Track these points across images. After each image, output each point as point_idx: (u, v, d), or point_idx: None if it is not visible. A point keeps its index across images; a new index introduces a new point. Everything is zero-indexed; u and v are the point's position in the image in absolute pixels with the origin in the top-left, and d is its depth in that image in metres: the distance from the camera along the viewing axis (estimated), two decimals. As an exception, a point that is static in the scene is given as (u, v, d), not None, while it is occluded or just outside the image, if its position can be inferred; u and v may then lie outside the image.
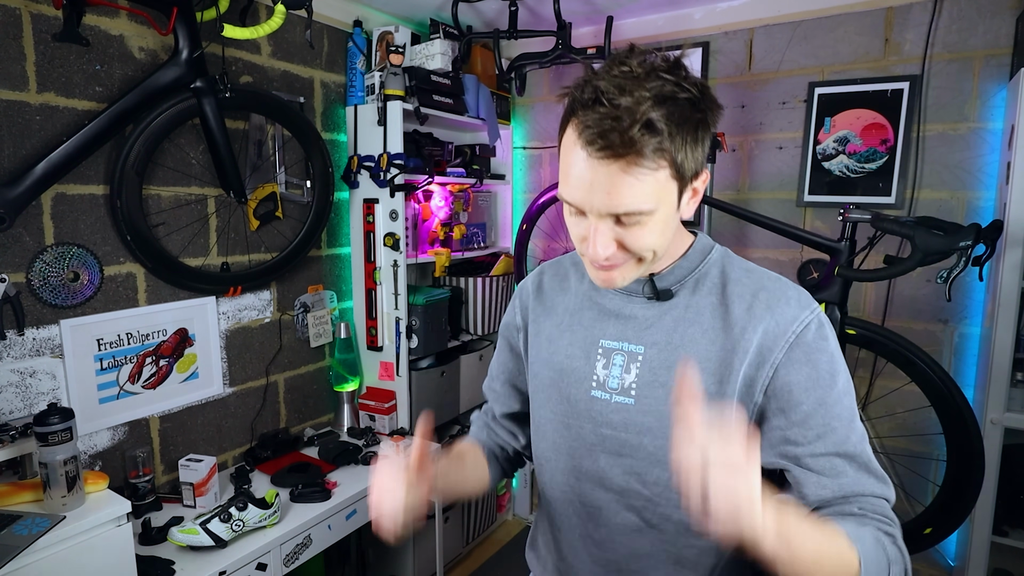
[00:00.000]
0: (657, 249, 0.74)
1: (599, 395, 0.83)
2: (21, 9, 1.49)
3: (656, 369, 0.79)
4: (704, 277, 0.81)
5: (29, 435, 1.38)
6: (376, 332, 2.33)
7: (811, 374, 0.74)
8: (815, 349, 0.74)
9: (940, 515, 1.69)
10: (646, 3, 2.30)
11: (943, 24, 1.97)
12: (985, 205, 1.97)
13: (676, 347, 0.79)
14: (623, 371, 0.81)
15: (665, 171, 0.68)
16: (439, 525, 2.26)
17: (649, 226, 0.71)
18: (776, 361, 0.74)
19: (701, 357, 0.77)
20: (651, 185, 0.68)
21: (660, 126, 0.65)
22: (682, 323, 0.79)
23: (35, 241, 1.55)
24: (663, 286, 0.81)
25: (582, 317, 0.87)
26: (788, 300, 0.76)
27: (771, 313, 0.76)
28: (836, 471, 0.73)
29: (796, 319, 0.75)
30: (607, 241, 0.72)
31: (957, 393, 1.61)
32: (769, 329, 0.75)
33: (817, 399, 0.73)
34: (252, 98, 1.92)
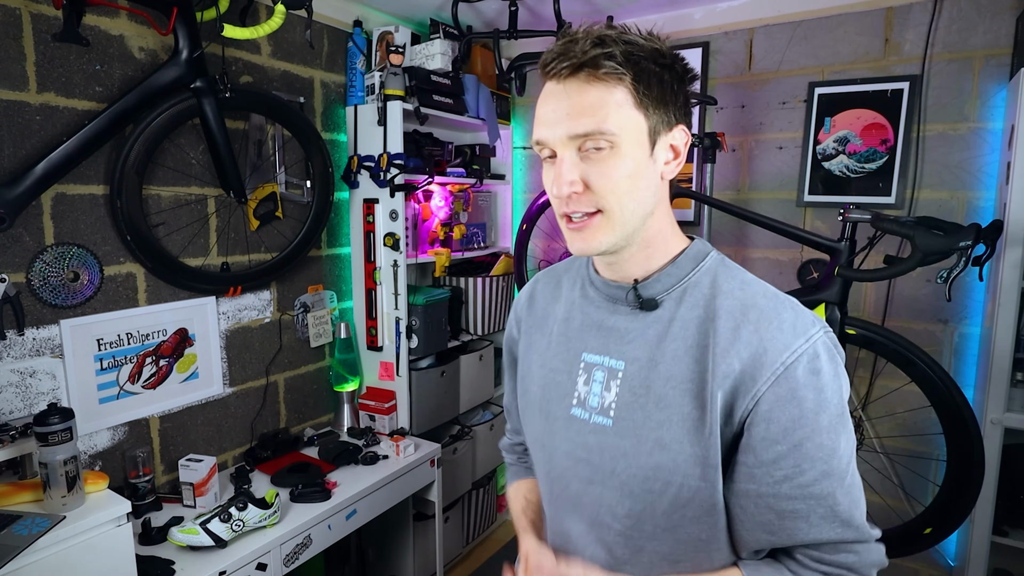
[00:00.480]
0: (624, 199, 0.68)
1: (578, 414, 0.76)
2: (21, 9, 1.49)
3: (636, 388, 0.72)
4: (694, 287, 0.73)
5: (29, 435, 1.38)
6: (376, 332, 2.33)
7: (794, 414, 0.65)
8: (804, 385, 0.65)
9: (940, 515, 1.69)
10: (646, 3, 2.30)
11: (943, 24, 1.97)
12: (985, 205, 1.97)
13: (657, 364, 0.71)
14: (603, 388, 0.74)
15: (625, 94, 0.67)
16: (439, 525, 2.26)
17: (612, 162, 0.67)
18: (759, 394, 0.66)
19: (683, 377, 0.69)
20: (611, 106, 0.66)
21: (614, 50, 0.66)
22: (666, 338, 0.71)
23: (35, 241, 1.55)
24: (648, 295, 0.74)
25: (568, 327, 0.81)
26: (781, 324, 0.67)
27: (759, 337, 0.66)
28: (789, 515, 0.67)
29: (787, 348, 0.65)
30: (571, 169, 0.68)
31: (957, 393, 1.61)
32: (756, 356, 0.66)
33: (795, 441, 0.65)
34: (252, 98, 1.92)
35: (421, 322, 2.30)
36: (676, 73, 0.69)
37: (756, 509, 0.68)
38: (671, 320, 0.72)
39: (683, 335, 0.71)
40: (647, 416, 0.70)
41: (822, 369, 0.66)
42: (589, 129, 0.66)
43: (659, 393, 0.70)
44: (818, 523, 0.66)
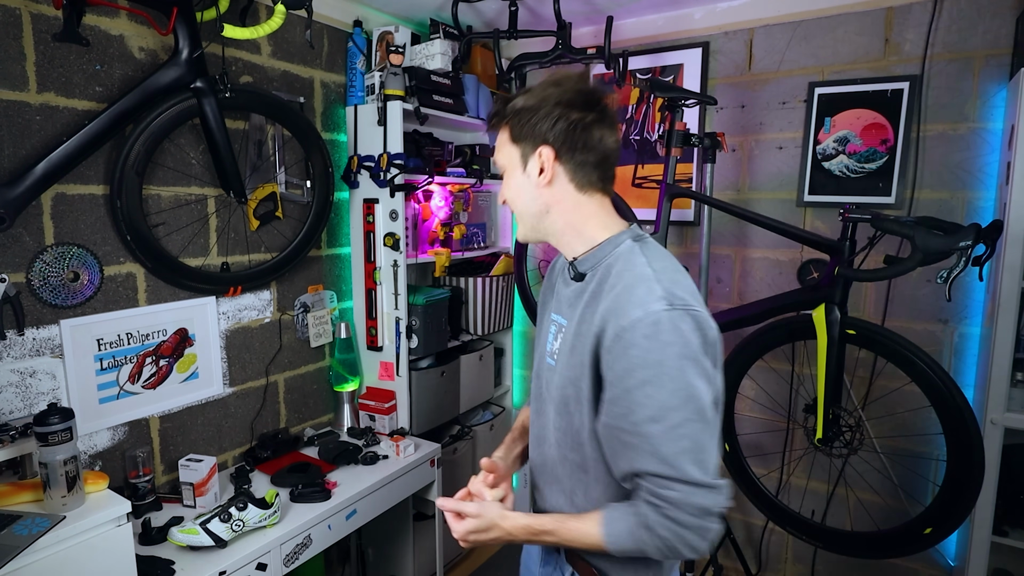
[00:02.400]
0: (514, 203, 1.01)
1: (547, 359, 1.04)
2: (21, 9, 1.49)
3: (568, 339, 0.97)
4: (608, 268, 0.95)
5: (29, 435, 1.37)
6: (376, 332, 2.33)
7: (626, 366, 0.85)
8: (634, 345, 0.84)
9: (940, 515, 1.69)
10: (646, 3, 2.30)
11: (943, 24, 1.97)
12: (985, 205, 1.97)
13: (579, 323, 0.95)
14: (555, 339, 1.02)
15: (505, 135, 0.99)
16: (439, 525, 2.26)
17: (506, 180, 1.02)
18: (608, 348, 0.87)
19: (585, 333, 0.92)
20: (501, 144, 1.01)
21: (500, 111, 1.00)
22: (582, 303, 0.96)
23: (35, 241, 1.55)
24: (579, 271, 0.99)
25: (548, 298, 1.11)
26: (631, 297, 0.87)
27: (615, 306, 0.88)
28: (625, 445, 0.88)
29: (628, 316, 0.85)
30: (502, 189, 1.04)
31: (957, 393, 1.61)
32: (609, 319, 0.88)
33: (626, 387, 0.85)
34: (252, 98, 1.92)
35: (421, 322, 2.30)
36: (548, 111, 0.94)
37: (607, 437, 0.91)
38: (587, 290, 0.97)
39: (590, 301, 0.94)
40: (568, 360, 0.96)
41: (656, 335, 0.83)
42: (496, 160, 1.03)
43: (572, 343, 0.95)
44: (644, 456, 0.85)
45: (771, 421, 2.36)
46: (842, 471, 2.22)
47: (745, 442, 2.16)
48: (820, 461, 2.25)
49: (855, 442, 1.86)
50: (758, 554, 2.46)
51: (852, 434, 1.86)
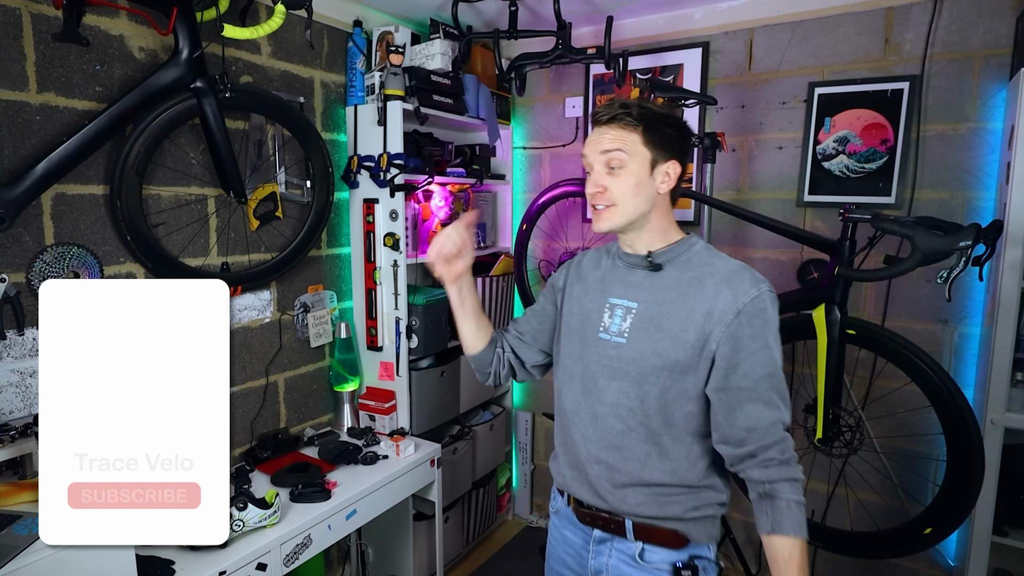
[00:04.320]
0: (626, 200, 1.09)
1: (604, 336, 1.14)
2: (21, 9, 1.49)
3: (643, 320, 1.11)
4: (687, 260, 1.12)
5: (29, 435, 1.38)
6: (376, 332, 2.33)
7: (748, 333, 1.03)
8: (753, 316, 1.04)
9: (940, 515, 1.69)
10: (646, 3, 2.30)
11: (943, 24, 1.97)
12: (985, 205, 1.97)
13: (659, 304, 1.10)
14: (621, 320, 1.13)
15: (636, 136, 1.08)
16: (439, 525, 2.26)
17: (623, 176, 1.09)
18: (729, 322, 1.04)
19: (674, 313, 1.08)
20: (626, 140, 1.08)
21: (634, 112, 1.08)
22: (665, 289, 1.11)
23: (35, 241, 1.55)
24: (658, 261, 1.13)
25: (602, 284, 1.20)
26: (743, 282, 1.06)
27: (731, 289, 1.05)
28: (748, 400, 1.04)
29: (746, 294, 1.04)
30: (598, 180, 1.11)
31: (957, 393, 1.61)
32: (729, 299, 1.05)
33: (748, 352, 1.03)
34: (252, 98, 1.92)
35: (421, 322, 2.30)
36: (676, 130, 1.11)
37: (722, 399, 1.05)
38: (671, 279, 1.11)
39: (677, 288, 1.10)
40: (648, 336, 1.09)
41: (767, 308, 1.05)
42: (612, 147, 1.09)
43: (658, 323, 1.09)
44: (759, 407, 1.03)
45: (771, 421, 2.35)
46: (842, 471, 2.22)
47: (745, 442, 2.16)
48: (820, 461, 2.25)
49: (855, 442, 1.86)
50: (758, 554, 2.46)
51: (852, 434, 1.86)
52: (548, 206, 2.48)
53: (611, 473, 1.13)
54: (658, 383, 1.08)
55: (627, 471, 1.11)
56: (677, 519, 1.10)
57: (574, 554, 1.22)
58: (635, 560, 1.13)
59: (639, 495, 1.11)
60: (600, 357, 1.14)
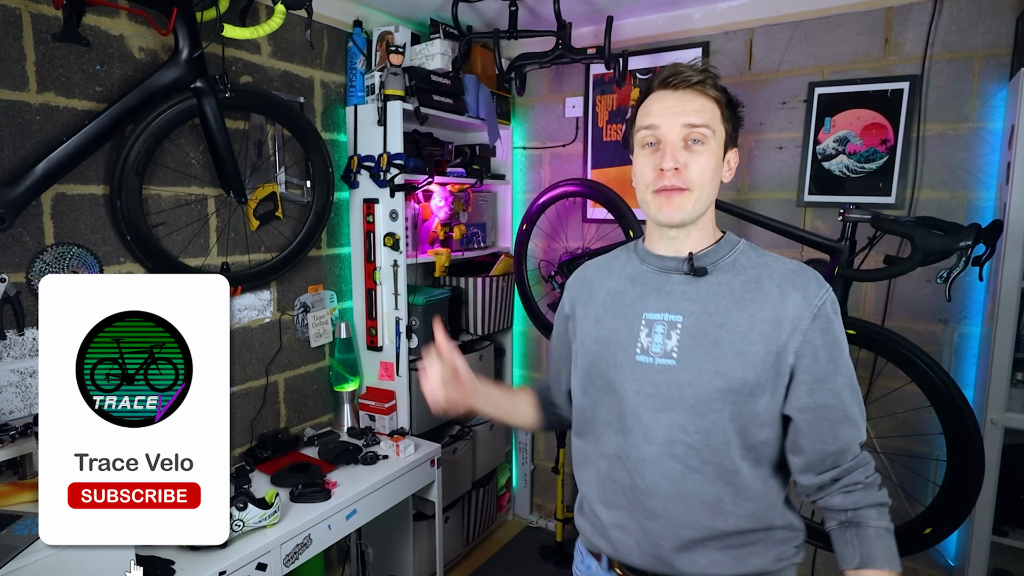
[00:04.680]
0: (704, 185, 0.92)
1: (643, 360, 0.94)
2: (21, 9, 1.49)
3: (695, 335, 0.92)
4: (734, 262, 0.95)
5: (29, 435, 1.38)
6: (376, 332, 2.33)
7: (830, 340, 0.90)
8: (830, 318, 0.91)
9: (940, 515, 1.68)
10: (646, 3, 2.30)
11: (943, 24, 1.97)
12: (985, 205, 1.96)
13: (711, 315, 0.92)
14: (665, 338, 0.93)
15: (719, 110, 0.93)
16: (439, 525, 2.26)
17: (705, 155, 0.91)
18: (805, 329, 0.89)
19: (733, 323, 0.91)
20: (712, 111, 0.92)
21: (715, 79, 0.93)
22: (717, 296, 0.93)
23: (35, 241, 1.55)
24: (701, 264, 0.95)
25: (624, 296, 1.00)
26: (810, 281, 0.92)
27: (800, 291, 0.91)
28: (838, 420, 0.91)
29: (818, 295, 0.91)
30: (677, 155, 0.90)
31: (957, 393, 1.61)
32: (799, 304, 0.90)
33: (834, 361, 0.90)
34: (252, 98, 1.92)
35: (421, 322, 2.30)
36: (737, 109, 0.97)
37: (816, 418, 0.90)
38: (720, 283, 0.94)
39: (731, 294, 0.92)
40: (706, 354, 0.90)
41: (838, 309, 0.93)
42: (699, 121, 0.91)
43: (714, 336, 0.91)
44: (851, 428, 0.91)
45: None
46: (842, 471, 2.21)
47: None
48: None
49: (855, 442, 1.86)
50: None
51: (852, 434, 1.85)
52: (548, 206, 2.48)
53: (676, 529, 0.92)
54: (725, 409, 0.89)
55: (695, 523, 0.91)
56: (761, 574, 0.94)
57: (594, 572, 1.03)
58: None
59: (712, 552, 0.92)
60: (641, 385, 0.93)
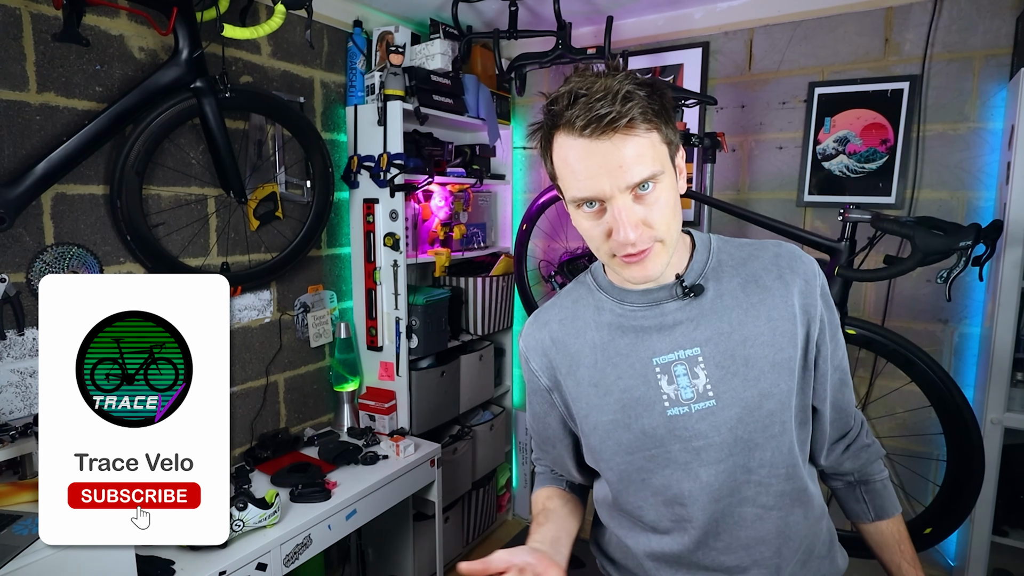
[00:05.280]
0: (672, 227, 0.78)
1: (678, 412, 0.81)
2: (21, 9, 1.49)
3: (721, 363, 0.81)
4: (721, 264, 0.86)
5: (29, 435, 1.38)
6: (376, 332, 2.33)
7: (828, 306, 0.86)
8: (824, 283, 0.86)
9: (940, 515, 1.68)
10: (646, 3, 2.30)
11: (943, 24, 1.97)
12: (985, 205, 1.96)
13: (729, 335, 0.81)
14: (690, 378, 0.81)
15: (656, 134, 0.75)
16: (439, 525, 2.26)
17: (664, 197, 0.76)
18: (819, 309, 0.84)
19: (756, 332, 0.81)
20: (650, 149, 0.74)
21: (638, 93, 0.72)
22: (725, 310, 0.82)
23: (35, 241, 1.55)
24: (693, 282, 0.84)
25: (619, 347, 0.85)
26: (799, 259, 0.86)
27: (797, 275, 0.84)
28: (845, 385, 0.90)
29: (811, 271, 0.85)
30: (634, 219, 0.74)
31: (957, 393, 1.61)
32: (803, 289, 0.84)
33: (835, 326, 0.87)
34: (252, 98, 1.92)
35: (421, 322, 2.30)
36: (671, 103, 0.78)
37: (832, 392, 0.87)
38: (719, 295, 0.83)
39: (735, 303, 0.83)
40: (742, 380, 0.80)
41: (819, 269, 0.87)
42: (642, 176, 0.73)
43: (743, 355, 0.81)
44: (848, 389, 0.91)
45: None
46: (842, 471, 2.22)
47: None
48: (820, 461, 2.25)
49: (855, 442, 1.86)
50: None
51: (852, 434, 1.85)
52: (548, 206, 2.48)
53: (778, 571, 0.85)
54: (785, 432, 0.81)
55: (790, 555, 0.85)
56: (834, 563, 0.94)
57: None
58: None
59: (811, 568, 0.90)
60: (685, 442, 0.81)
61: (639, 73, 0.78)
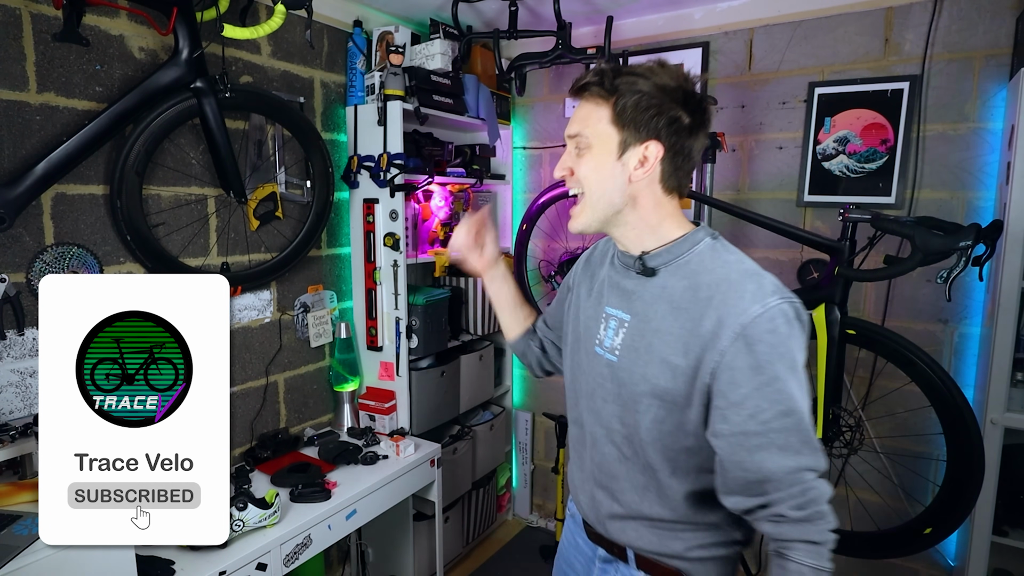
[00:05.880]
0: (591, 186, 0.94)
1: (599, 352, 1.01)
2: (21, 9, 1.49)
3: (635, 336, 0.95)
4: (685, 263, 0.93)
5: (29, 435, 1.38)
6: (376, 332, 2.33)
7: (752, 363, 0.83)
8: (759, 341, 0.83)
9: (940, 515, 1.68)
10: (646, 3, 2.30)
11: (943, 24, 1.97)
12: (985, 205, 1.97)
13: (650, 320, 0.93)
14: (615, 334, 0.98)
15: (605, 111, 0.90)
16: (439, 525, 2.26)
17: (587, 159, 0.93)
18: (724, 349, 0.84)
19: (665, 331, 0.91)
20: (593, 120, 0.92)
21: (607, 82, 0.90)
22: (658, 300, 0.93)
23: (35, 241, 1.55)
24: (650, 265, 0.95)
25: (602, 289, 1.04)
26: (743, 293, 0.85)
27: (726, 304, 0.85)
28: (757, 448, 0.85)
29: (746, 312, 0.84)
30: (565, 162, 0.97)
31: (957, 393, 1.61)
32: (722, 319, 0.85)
33: (756, 385, 0.83)
34: (252, 98, 1.92)
35: (421, 322, 2.30)
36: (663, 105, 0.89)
37: (727, 447, 0.86)
38: (663, 287, 0.93)
39: (669, 299, 0.92)
40: (638, 357, 0.94)
41: (777, 329, 0.83)
42: (574, 132, 0.94)
43: (648, 342, 0.93)
44: (779, 455, 0.83)
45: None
46: (842, 471, 2.22)
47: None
48: (820, 461, 2.25)
49: (855, 442, 1.86)
50: (758, 554, 2.46)
51: (852, 434, 1.85)
52: (548, 206, 2.48)
53: (611, 503, 1.03)
54: (649, 412, 0.93)
55: (625, 502, 1.01)
56: (680, 558, 0.98)
57: (583, 563, 1.15)
58: None
59: (639, 528, 1.00)
60: (596, 375, 1.01)
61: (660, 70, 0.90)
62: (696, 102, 0.90)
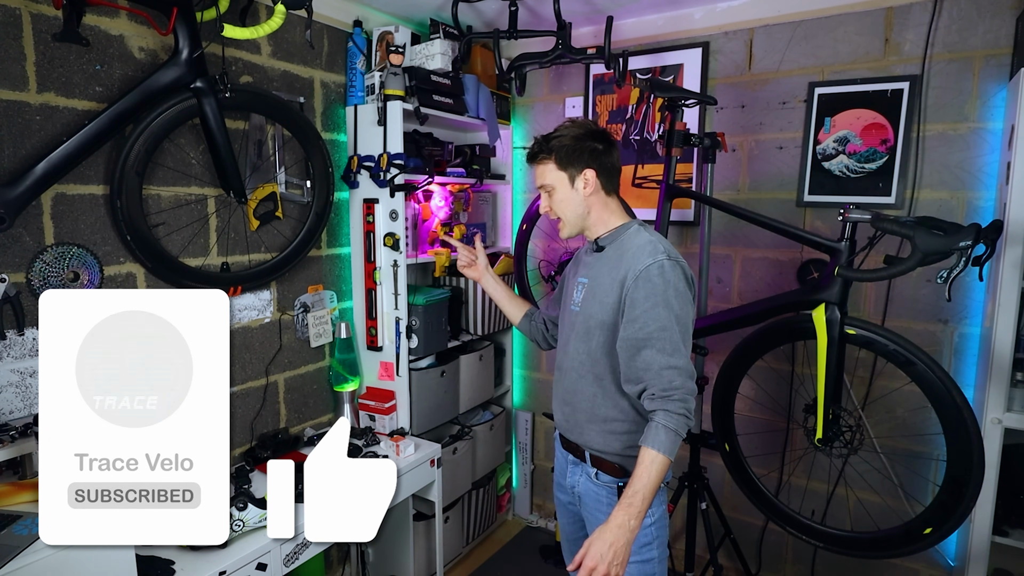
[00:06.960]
0: (564, 212, 1.42)
1: (572, 308, 1.47)
2: (21, 9, 1.49)
3: (590, 291, 1.42)
4: (621, 242, 1.40)
5: (29, 435, 1.38)
6: (376, 332, 2.33)
7: (642, 294, 1.29)
8: (647, 281, 1.29)
9: (940, 515, 1.69)
10: (646, 3, 2.30)
11: (943, 24, 1.97)
12: (985, 205, 1.97)
13: (597, 279, 1.41)
14: (579, 293, 1.45)
15: (552, 164, 1.40)
16: (439, 525, 2.26)
17: (555, 197, 1.42)
18: (629, 286, 1.31)
19: (606, 287, 1.37)
20: (547, 172, 1.41)
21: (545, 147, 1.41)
22: (602, 265, 1.41)
23: (35, 241, 1.55)
24: (601, 244, 1.44)
25: (578, 267, 1.52)
26: (643, 253, 1.32)
27: (634, 260, 1.33)
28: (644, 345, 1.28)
29: (643, 264, 1.30)
30: (544, 204, 1.46)
31: (957, 393, 1.61)
32: (629, 268, 1.32)
33: (644, 308, 1.29)
34: (252, 98, 1.92)
35: (421, 322, 2.30)
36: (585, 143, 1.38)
37: (625, 348, 1.31)
38: (607, 258, 1.41)
39: (607, 264, 1.40)
40: (591, 303, 1.40)
41: (662, 273, 1.29)
42: (540, 183, 1.44)
43: (594, 291, 1.40)
44: (653, 354, 1.27)
45: (771, 421, 2.36)
46: (842, 471, 2.22)
47: (745, 442, 2.16)
48: (820, 461, 2.25)
49: (855, 442, 1.86)
50: (758, 554, 2.46)
51: (852, 434, 1.85)
52: (548, 206, 2.48)
53: (574, 412, 1.45)
54: (598, 338, 1.38)
55: (583, 409, 1.43)
56: (619, 455, 1.40)
57: (561, 469, 1.56)
58: (593, 479, 1.44)
59: (592, 430, 1.42)
60: (569, 324, 1.47)
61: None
62: (602, 134, 1.39)
